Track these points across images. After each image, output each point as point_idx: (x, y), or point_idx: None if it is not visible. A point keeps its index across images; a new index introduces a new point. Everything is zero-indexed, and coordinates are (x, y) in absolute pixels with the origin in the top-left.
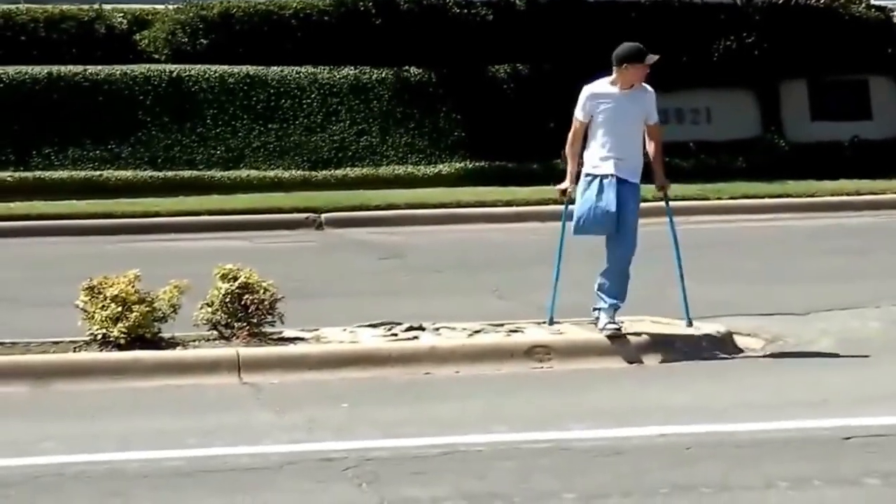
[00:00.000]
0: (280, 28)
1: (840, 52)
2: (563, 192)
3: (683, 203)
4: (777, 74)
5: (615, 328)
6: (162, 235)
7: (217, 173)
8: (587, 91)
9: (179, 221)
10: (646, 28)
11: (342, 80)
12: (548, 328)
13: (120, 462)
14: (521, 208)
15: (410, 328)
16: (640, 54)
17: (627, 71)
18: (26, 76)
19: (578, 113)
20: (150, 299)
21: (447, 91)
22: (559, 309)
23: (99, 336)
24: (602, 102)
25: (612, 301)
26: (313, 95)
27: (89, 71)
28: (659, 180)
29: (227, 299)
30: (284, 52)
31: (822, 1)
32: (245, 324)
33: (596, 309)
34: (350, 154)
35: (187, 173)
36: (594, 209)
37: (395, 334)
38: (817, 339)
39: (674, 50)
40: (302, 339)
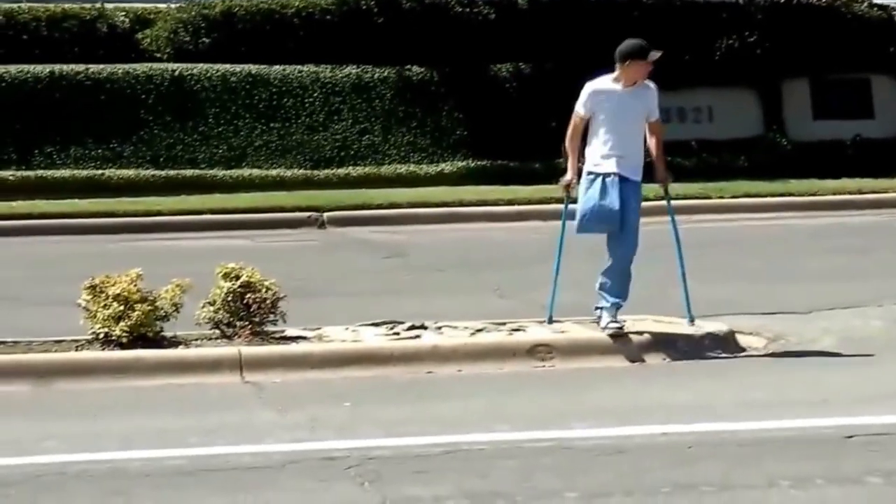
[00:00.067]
0: (282, 27)
1: (842, 51)
2: (566, 185)
3: (685, 202)
4: (779, 73)
5: (617, 327)
6: (164, 234)
7: (219, 172)
8: (590, 87)
9: (181, 220)
10: (648, 27)
11: (344, 79)
12: (550, 327)
13: (122, 461)
14: (522, 207)
15: (412, 327)
16: (643, 51)
17: (630, 68)
18: (28, 75)
19: (580, 108)
20: (153, 298)
21: (449, 90)
22: (561, 308)
23: (101, 335)
24: (605, 99)
25: (614, 300)
26: (315, 94)
27: (91, 70)
28: (660, 175)
29: (230, 298)
30: (286, 51)
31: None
32: (247, 323)
33: (598, 308)
34: (352, 153)
35: (189, 172)
36: (597, 208)
37: (397, 333)
38: (819, 337)
39: (676, 49)
40: (304, 338)
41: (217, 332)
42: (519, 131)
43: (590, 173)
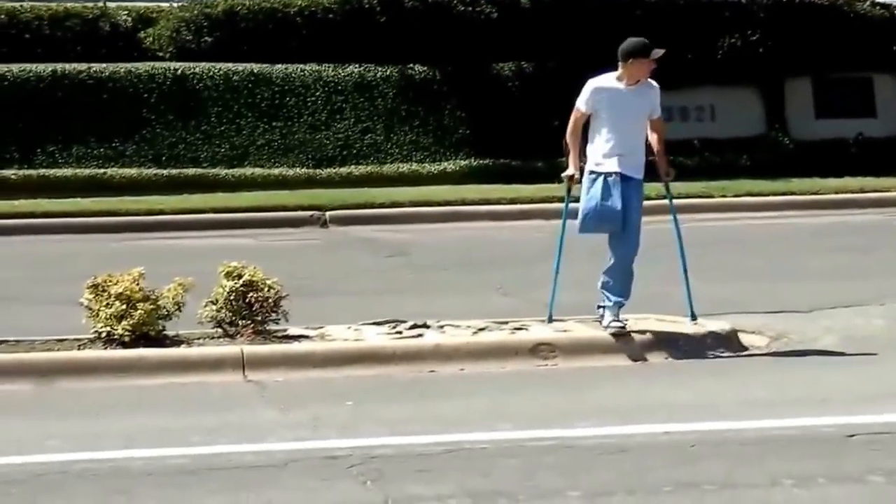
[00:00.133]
0: (285, 26)
1: (844, 50)
2: (570, 178)
3: (687, 201)
4: (781, 72)
5: (619, 326)
6: (166, 233)
7: (222, 171)
8: (592, 84)
9: (184, 219)
10: (650, 25)
11: (347, 78)
12: (552, 326)
13: (124, 460)
14: (525, 206)
15: (415, 326)
16: (646, 49)
17: (633, 66)
18: (31, 74)
19: (580, 104)
20: (155, 297)
21: (452, 89)
22: (563, 306)
23: (103, 334)
24: (607, 97)
25: (617, 299)
26: (318, 93)
27: (94, 69)
28: (663, 169)
29: (232, 297)
30: (289, 50)
31: None
32: (249, 321)
33: (600, 307)
34: (355, 152)
35: (192, 171)
36: (599, 207)
37: (399, 332)
38: (821, 336)
39: (678, 47)
40: (306, 336)
41: (219, 331)
42: (521, 130)
43: (591, 172)
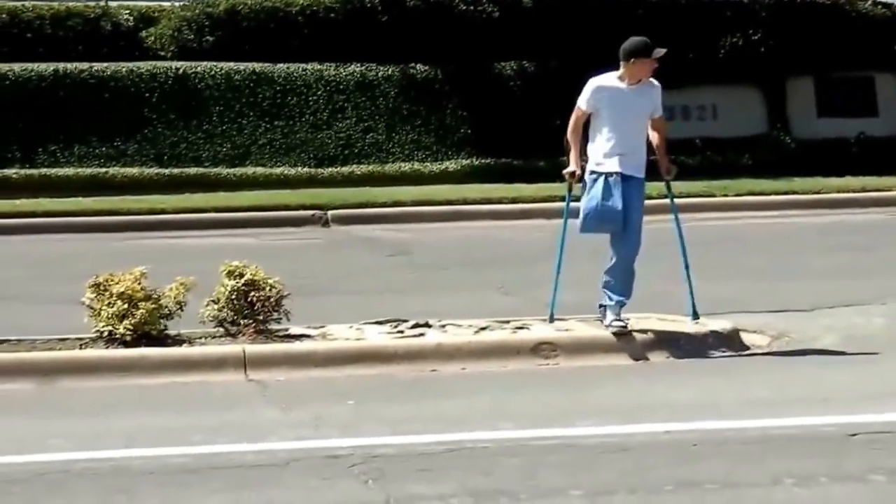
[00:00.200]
0: (286, 25)
1: (846, 49)
2: (571, 175)
3: (689, 200)
4: (783, 71)
5: (621, 325)
6: (168, 232)
7: (223, 170)
8: (594, 83)
9: (185, 219)
10: (652, 25)
11: (348, 77)
12: (554, 325)
13: (125, 459)
14: (527, 205)
15: (417, 325)
16: (648, 49)
17: (635, 65)
18: (32, 73)
19: (582, 103)
20: (157, 296)
21: (453, 88)
22: (564, 306)
23: (105, 333)
24: (608, 96)
25: (619, 298)
26: (319, 92)
27: (95, 68)
28: (664, 168)
29: (234, 296)
30: (290, 49)
31: None
32: (251, 321)
33: (602, 306)
34: (356, 151)
35: (193, 170)
36: (600, 208)
37: (401, 331)
38: (823, 335)
39: (680, 47)
40: (308, 336)
41: (221, 330)
42: (523, 129)
43: (592, 172)
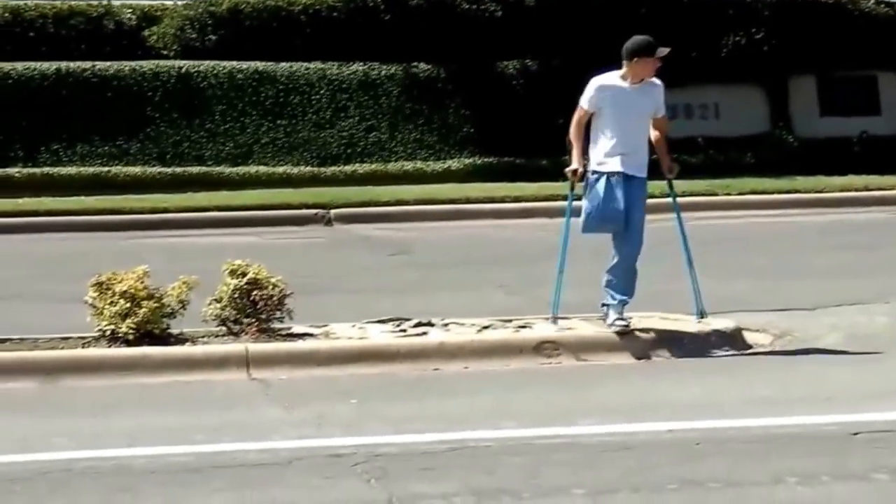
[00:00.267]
0: (289, 24)
1: (849, 48)
2: (574, 173)
3: (691, 199)
4: (786, 70)
5: (623, 324)
6: (170, 231)
7: (226, 169)
8: (596, 82)
9: (188, 217)
10: (655, 23)
11: (351, 76)
12: (556, 324)
13: (128, 458)
14: (529, 204)
15: (419, 324)
16: (651, 47)
17: (638, 65)
18: (35, 72)
19: (584, 102)
20: (159, 295)
21: (456, 87)
22: (567, 305)
23: (107, 332)
24: (610, 95)
25: (621, 297)
26: (322, 91)
27: (98, 67)
28: (666, 165)
29: (236, 295)
30: (293, 48)
31: None
32: (254, 320)
33: (604, 305)
34: (359, 150)
35: (196, 169)
36: (602, 208)
37: (403, 330)
38: (826, 334)
39: (682, 45)
40: (311, 334)
41: (224, 329)
42: (526, 128)
43: (594, 172)
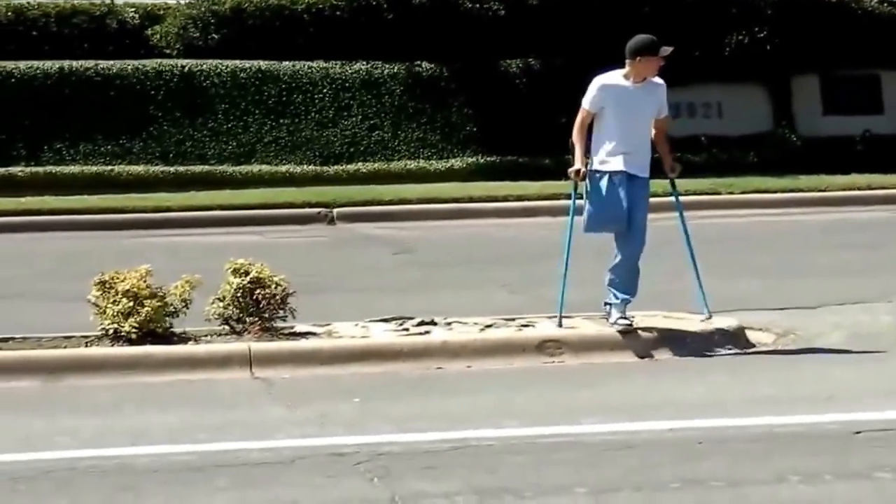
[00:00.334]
0: (292, 23)
1: (852, 47)
2: (577, 173)
3: (694, 198)
4: (789, 69)
5: (626, 323)
6: (173, 230)
7: (229, 168)
8: (598, 82)
9: (191, 216)
10: (658, 22)
11: (354, 75)
12: (559, 323)
13: (131, 457)
14: (532, 203)
15: (422, 323)
16: (654, 46)
17: (641, 64)
18: (38, 71)
19: (586, 103)
20: (162, 294)
21: (459, 86)
22: (569, 304)
23: (110, 331)
24: (613, 95)
25: (623, 296)
26: (325, 90)
27: (101, 66)
28: (668, 164)
29: (239, 294)
30: (296, 47)
31: None
32: (257, 318)
33: (607, 304)
34: (362, 149)
35: (199, 168)
36: (604, 208)
37: (406, 329)
38: (828, 333)
39: (685, 44)
40: (313, 333)
41: (226, 328)
42: (528, 127)
43: (597, 172)
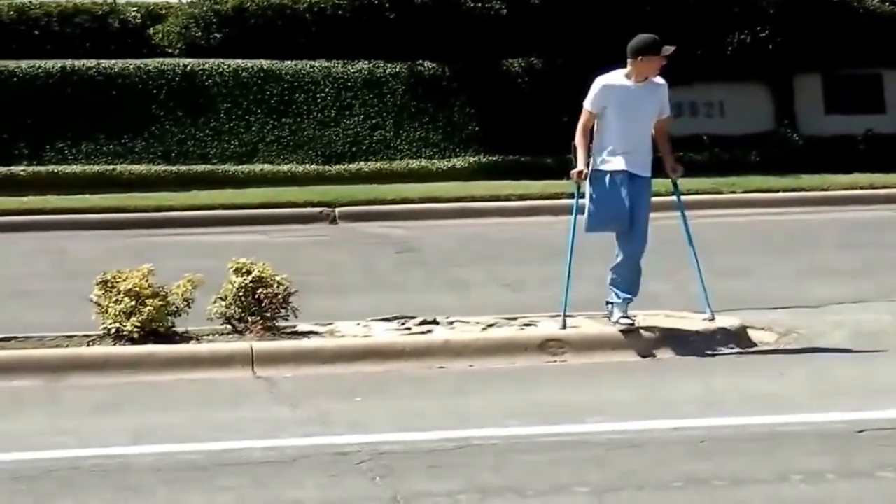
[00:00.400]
0: (294, 22)
1: (854, 46)
2: (579, 174)
3: (697, 197)
4: (791, 68)
5: (629, 322)
6: (175, 229)
7: (231, 167)
8: (600, 82)
9: (193, 216)
10: (660, 21)
11: (356, 75)
12: (561, 322)
13: (133, 456)
14: (534, 202)
15: (424, 322)
16: (656, 46)
17: (643, 63)
18: (40, 70)
19: (588, 104)
20: (164, 293)
21: (461, 85)
22: (571, 303)
23: (112, 330)
24: (615, 94)
25: (626, 295)
26: (327, 89)
27: (103, 65)
28: (670, 164)
29: (241, 293)
30: (298, 46)
31: None
32: (259, 318)
33: (609, 303)
34: (364, 148)
35: (201, 167)
36: (605, 208)
37: (408, 328)
38: (830, 332)
39: (687, 43)
40: (316, 332)
41: (229, 327)
42: (531, 126)
43: (598, 171)
